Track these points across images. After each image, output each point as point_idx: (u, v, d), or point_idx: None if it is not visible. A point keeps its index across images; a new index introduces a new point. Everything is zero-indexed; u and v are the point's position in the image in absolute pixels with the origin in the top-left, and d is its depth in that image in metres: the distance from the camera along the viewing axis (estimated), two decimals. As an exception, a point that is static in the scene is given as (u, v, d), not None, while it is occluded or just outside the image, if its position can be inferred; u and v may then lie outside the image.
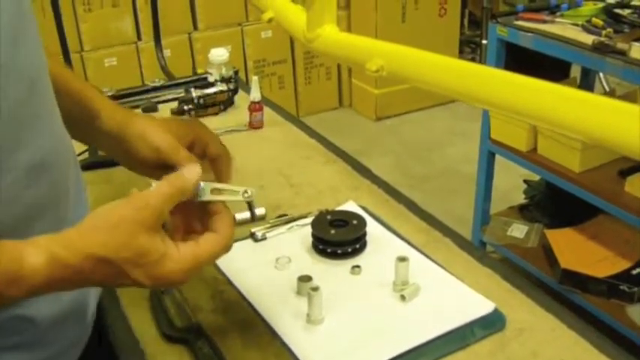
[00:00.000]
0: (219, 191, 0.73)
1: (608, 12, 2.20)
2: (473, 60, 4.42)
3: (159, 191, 0.71)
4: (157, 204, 0.70)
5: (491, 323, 0.96)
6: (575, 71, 2.83)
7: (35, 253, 0.64)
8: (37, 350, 0.79)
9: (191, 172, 0.74)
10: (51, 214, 0.77)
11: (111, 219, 0.68)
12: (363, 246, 1.12)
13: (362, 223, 1.12)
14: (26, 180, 0.71)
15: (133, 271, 0.68)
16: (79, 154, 1.42)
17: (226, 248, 0.75)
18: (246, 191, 0.73)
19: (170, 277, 0.70)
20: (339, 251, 1.10)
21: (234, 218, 0.73)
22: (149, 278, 0.69)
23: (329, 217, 1.13)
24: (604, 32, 2.05)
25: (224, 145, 0.91)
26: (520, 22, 2.27)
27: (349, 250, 1.10)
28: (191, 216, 0.79)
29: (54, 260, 0.65)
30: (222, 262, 1.09)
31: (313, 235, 1.12)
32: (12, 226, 0.70)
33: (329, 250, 1.10)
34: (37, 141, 0.73)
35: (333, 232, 1.10)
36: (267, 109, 1.62)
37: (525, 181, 2.86)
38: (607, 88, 3.55)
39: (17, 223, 0.71)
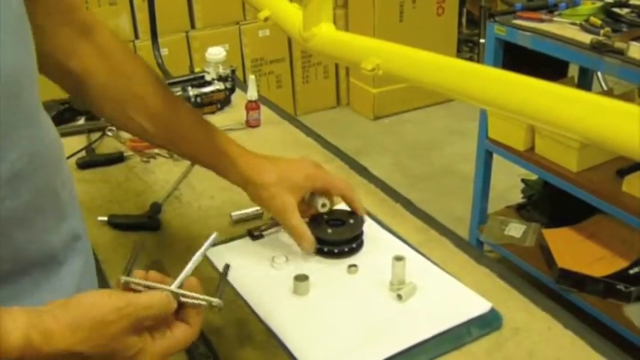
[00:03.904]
0: (184, 296, 0.75)
1: (606, 11, 2.20)
2: (471, 59, 4.42)
3: (145, 302, 0.71)
4: (138, 311, 0.70)
5: (487, 323, 0.96)
6: (573, 70, 2.83)
7: (13, 333, 0.64)
8: None
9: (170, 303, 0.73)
10: (37, 222, 0.76)
11: (92, 317, 0.67)
12: (360, 245, 1.12)
13: (359, 221, 1.12)
14: (4, 189, 0.70)
15: None
16: (76, 153, 1.42)
17: (195, 338, 0.75)
18: (211, 302, 0.75)
19: None
20: (335, 250, 1.09)
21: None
22: None
23: (326, 215, 1.13)
24: (602, 31, 2.05)
25: (343, 182, 1.13)
26: (518, 21, 2.27)
27: (346, 249, 1.10)
28: None
29: (29, 345, 0.64)
30: (219, 261, 1.09)
31: None
32: None
33: (325, 250, 1.09)
34: (18, 148, 0.71)
35: (329, 231, 1.10)
36: (264, 108, 1.62)
37: (523, 181, 2.86)
38: (605, 88, 3.56)
39: None
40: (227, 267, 0.93)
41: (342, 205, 1.23)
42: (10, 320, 0.64)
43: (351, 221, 1.12)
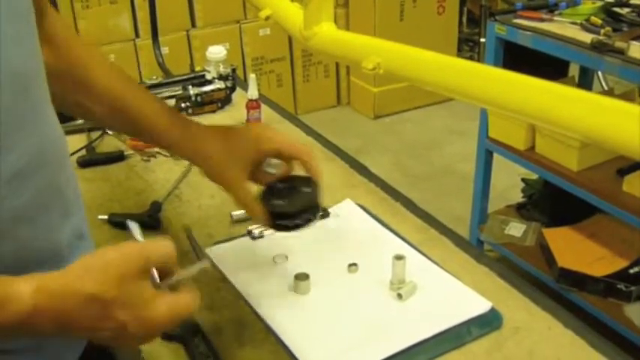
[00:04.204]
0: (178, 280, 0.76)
1: (606, 11, 2.20)
2: (471, 58, 4.41)
3: (150, 245, 0.72)
4: (144, 253, 0.71)
5: (487, 322, 0.96)
6: (574, 70, 2.82)
7: (23, 282, 0.64)
8: (37, 353, 0.79)
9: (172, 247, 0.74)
10: (42, 218, 0.76)
11: (102, 260, 0.69)
12: (315, 214, 0.97)
13: (315, 189, 0.97)
14: (11, 185, 0.70)
15: (120, 312, 0.67)
16: (77, 151, 1.42)
17: (196, 304, 0.75)
18: (201, 267, 0.77)
19: (154, 319, 0.69)
20: (289, 224, 0.96)
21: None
22: (135, 319, 0.68)
23: (281, 184, 0.99)
24: (602, 31, 2.05)
25: (298, 144, 0.98)
26: (519, 21, 2.27)
27: (300, 222, 0.96)
28: None
29: (42, 289, 0.65)
30: (219, 260, 1.09)
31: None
32: None
33: (278, 224, 0.97)
34: (25, 144, 0.72)
35: (279, 203, 0.96)
36: (264, 107, 1.62)
37: (523, 180, 2.86)
38: (605, 87, 3.55)
39: (1, 228, 0.71)
40: (189, 230, 0.89)
41: (341, 205, 1.23)
42: (19, 279, 0.65)
43: (306, 189, 0.98)
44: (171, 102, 1.65)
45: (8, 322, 0.64)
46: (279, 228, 0.97)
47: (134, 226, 0.80)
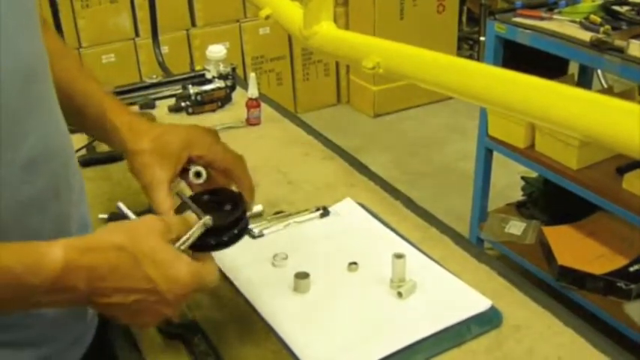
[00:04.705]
0: (185, 241, 0.79)
1: (606, 9, 2.20)
2: (471, 57, 4.41)
3: (171, 217, 0.79)
4: (167, 221, 0.75)
5: (487, 320, 0.97)
6: (573, 68, 2.83)
7: (52, 244, 0.67)
8: (42, 347, 0.80)
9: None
10: (52, 208, 0.78)
11: (128, 222, 0.73)
12: (235, 237, 0.86)
13: (237, 208, 0.87)
14: (22, 175, 0.72)
15: (149, 268, 0.69)
16: (77, 151, 1.42)
17: (216, 271, 0.79)
18: (204, 223, 0.79)
19: (181, 280, 0.72)
20: (197, 243, 0.81)
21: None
22: (164, 278, 0.70)
23: (207, 196, 0.89)
24: (602, 29, 2.05)
25: (233, 156, 0.93)
26: (518, 19, 2.28)
27: (212, 242, 0.83)
28: None
29: (71, 247, 0.67)
30: (220, 259, 1.09)
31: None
32: (6, 221, 0.71)
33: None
34: (34, 135, 0.73)
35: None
36: (264, 106, 1.62)
37: (523, 178, 2.86)
38: (605, 85, 3.55)
39: (12, 217, 0.72)
40: (182, 192, 0.87)
41: (341, 204, 1.23)
42: (48, 243, 0.67)
43: (228, 208, 0.87)
44: (172, 101, 1.65)
45: (43, 283, 0.65)
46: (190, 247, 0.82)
47: (124, 208, 0.81)
